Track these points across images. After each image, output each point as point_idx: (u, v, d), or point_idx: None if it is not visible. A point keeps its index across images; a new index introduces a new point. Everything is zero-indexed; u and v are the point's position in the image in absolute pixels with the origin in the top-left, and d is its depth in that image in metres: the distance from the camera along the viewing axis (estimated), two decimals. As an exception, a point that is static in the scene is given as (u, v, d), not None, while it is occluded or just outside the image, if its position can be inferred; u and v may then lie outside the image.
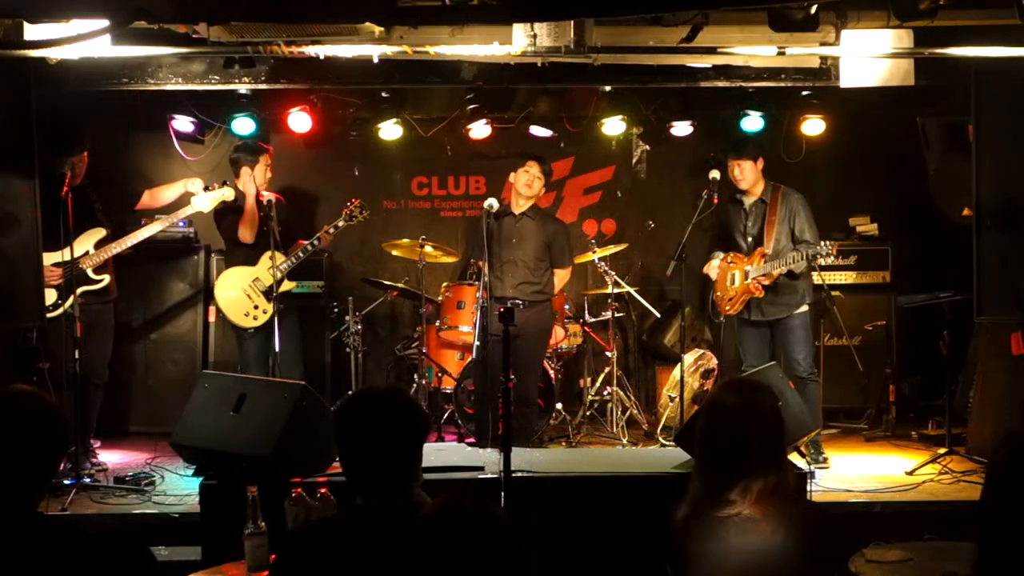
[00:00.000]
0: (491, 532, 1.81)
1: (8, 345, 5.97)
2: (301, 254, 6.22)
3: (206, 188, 6.14)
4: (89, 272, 5.77)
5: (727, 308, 6.22)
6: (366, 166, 7.84)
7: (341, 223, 6.34)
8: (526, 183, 6.21)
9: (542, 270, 6.24)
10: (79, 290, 5.70)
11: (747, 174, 6.17)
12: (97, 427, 6.15)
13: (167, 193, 6.21)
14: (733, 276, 6.23)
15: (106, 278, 5.89)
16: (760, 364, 6.05)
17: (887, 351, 7.26)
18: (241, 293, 6.22)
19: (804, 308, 6.13)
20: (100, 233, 5.85)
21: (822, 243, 5.83)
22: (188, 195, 6.13)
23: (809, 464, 5.22)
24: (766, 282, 6.02)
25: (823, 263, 6.02)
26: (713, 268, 6.37)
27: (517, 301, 5.96)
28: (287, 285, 6.24)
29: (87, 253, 5.76)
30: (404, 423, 2.54)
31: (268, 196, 6.20)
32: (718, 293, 6.32)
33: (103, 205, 5.97)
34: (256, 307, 6.20)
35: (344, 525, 2.53)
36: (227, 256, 6.47)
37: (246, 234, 6.19)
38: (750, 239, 6.20)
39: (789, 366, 6.03)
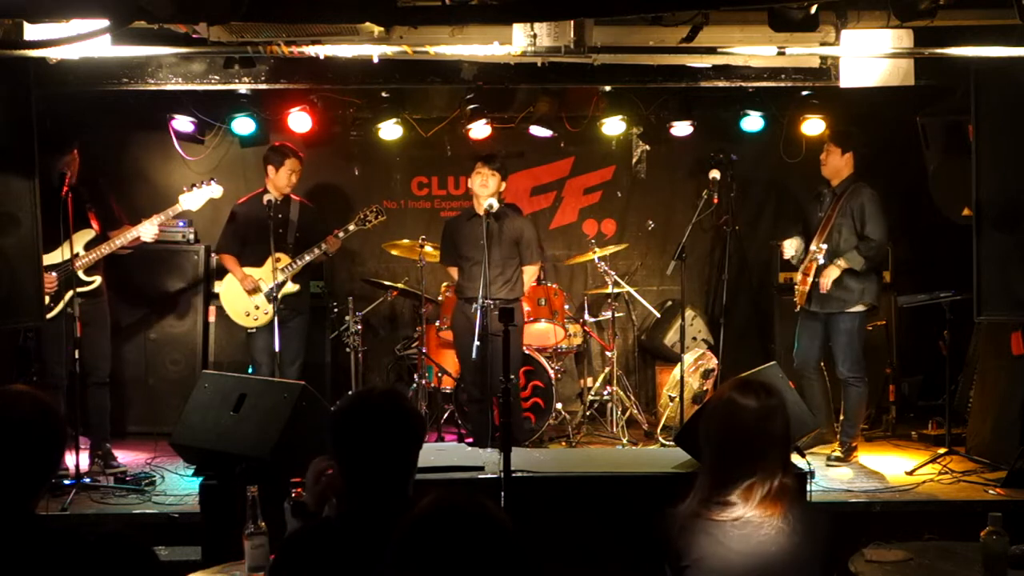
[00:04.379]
0: (486, 528, 1.80)
1: (8, 345, 5.97)
2: (307, 257, 6.27)
3: (192, 186, 6.15)
4: (80, 274, 5.73)
5: (798, 300, 6.29)
6: (366, 166, 7.84)
7: (352, 227, 6.38)
8: (480, 184, 6.19)
9: (512, 268, 6.24)
10: (71, 292, 5.68)
11: (829, 159, 6.25)
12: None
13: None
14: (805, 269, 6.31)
15: (97, 279, 5.88)
16: (805, 356, 6.30)
17: (887, 351, 7.26)
18: (243, 293, 6.25)
19: (858, 308, 6.14)
20: (89, 234, 5.82)
21: (816, 246, 5.99)
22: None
23: (810, 465, 5.22)
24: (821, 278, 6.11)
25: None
26: (788, 245, 6.40)
27: (488, 301, 5.94)
28: (290, 288, 6.26)
29: (77, 255, 5.70)
30: (402, 427, 2.52)
31: (271, 197, 6.22)
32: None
33: (104, 205, 5.94)
34: (257, 307, 6.23)
35: (341, 527, 2.52)
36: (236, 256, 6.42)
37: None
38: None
39: (835, 364, 6.17)
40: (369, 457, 2.49)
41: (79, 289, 5.73)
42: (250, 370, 6.39)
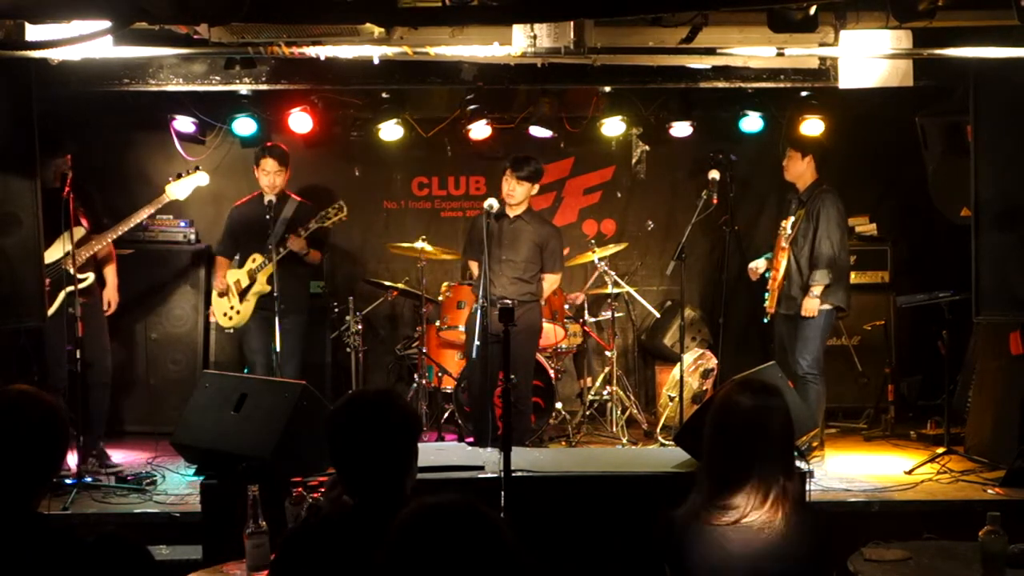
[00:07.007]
0: (473, 529, 1.77)
1: (9, 345, 5.98)
2: (275, 256, 6.09)
3: (178, 175, 6.15)
4: (71, 271, 5.72)
5: (768, 308, 6.27)
6: (366, 166, 7.85)
7: (313, 224, 6.22)
8: (507, 192, 6.20)
9: (532, 272, 6.24)
10: (65, 291, 5.68)
11: (790, 163, 6.27)
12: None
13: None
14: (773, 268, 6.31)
15: (90, 276, 5.90)
16: (787, 356, 6.20)
17: (886, 351, 7.27)
18: (224, 295, 6.29)
19: (824, 306, 6.08)
20: (79, 233, 5.80)
21: (816, 273, 5.99)
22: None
23: (809, 464, 5.22)
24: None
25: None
26: (755, 265, 6.46)
27: (507, 300, 5.93)
28: (261, 287, 6.20)
29: (67, 253, 5.65)
30: (395, 425, 2.54)
31: (270, 197, 6.22)
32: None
33: (91, 205, 5.96)
34: (231, 307, 6.24)
35: (339, 525, 2.53)
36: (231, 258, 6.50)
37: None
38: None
39: (794, 362, 6.10)
40: (364, 456, 2.51)
41: (73, 288, 5.74)
42: (245, 370, 6.40)
